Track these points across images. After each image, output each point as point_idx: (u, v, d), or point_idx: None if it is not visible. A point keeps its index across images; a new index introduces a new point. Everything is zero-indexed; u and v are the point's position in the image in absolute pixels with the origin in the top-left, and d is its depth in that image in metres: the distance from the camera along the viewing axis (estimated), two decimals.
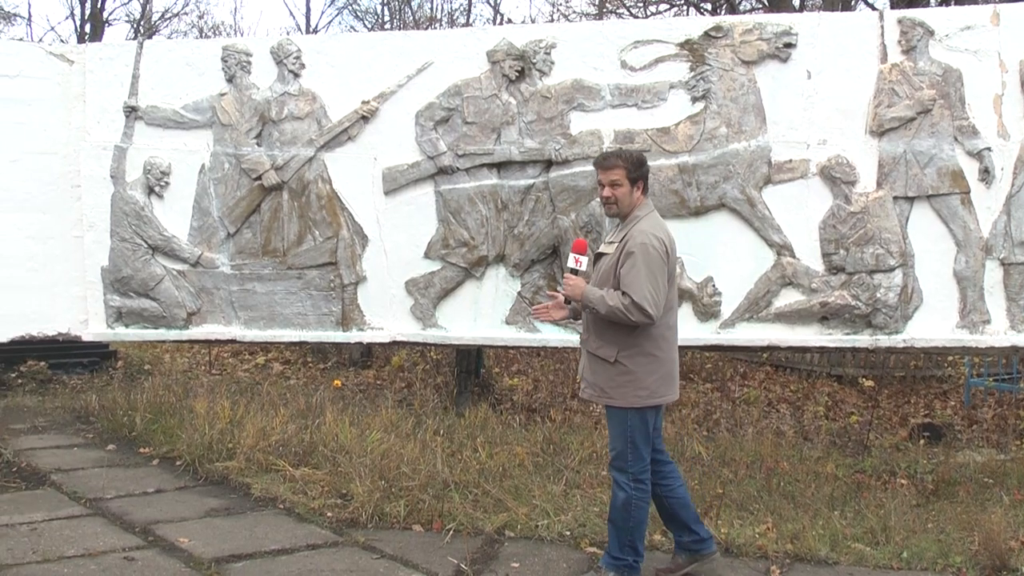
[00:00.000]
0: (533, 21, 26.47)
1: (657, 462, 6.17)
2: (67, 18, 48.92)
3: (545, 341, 9.58)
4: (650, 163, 8.99)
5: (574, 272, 6.00)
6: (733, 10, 20.92)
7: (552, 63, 9.43)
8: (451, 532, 6.89)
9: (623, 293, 5.79)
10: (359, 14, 32.35)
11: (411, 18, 29.22)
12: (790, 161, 8.98)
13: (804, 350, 10.58)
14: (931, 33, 8.77)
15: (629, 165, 6.07)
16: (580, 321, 6.28)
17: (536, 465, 8.22)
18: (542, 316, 6.40)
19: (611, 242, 6.10)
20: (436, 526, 7.03)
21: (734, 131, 9.04)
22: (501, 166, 9.50)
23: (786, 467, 8.52)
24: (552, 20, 25.52)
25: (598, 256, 6.21)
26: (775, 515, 7.24)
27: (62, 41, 28.69)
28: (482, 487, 7.57)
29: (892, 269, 8.73)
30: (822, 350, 10.06)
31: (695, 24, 9.42)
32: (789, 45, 8.94)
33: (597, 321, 5.98)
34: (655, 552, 6.58)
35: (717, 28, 9.13)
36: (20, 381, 11.86)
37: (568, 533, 6.89)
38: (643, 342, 5.92)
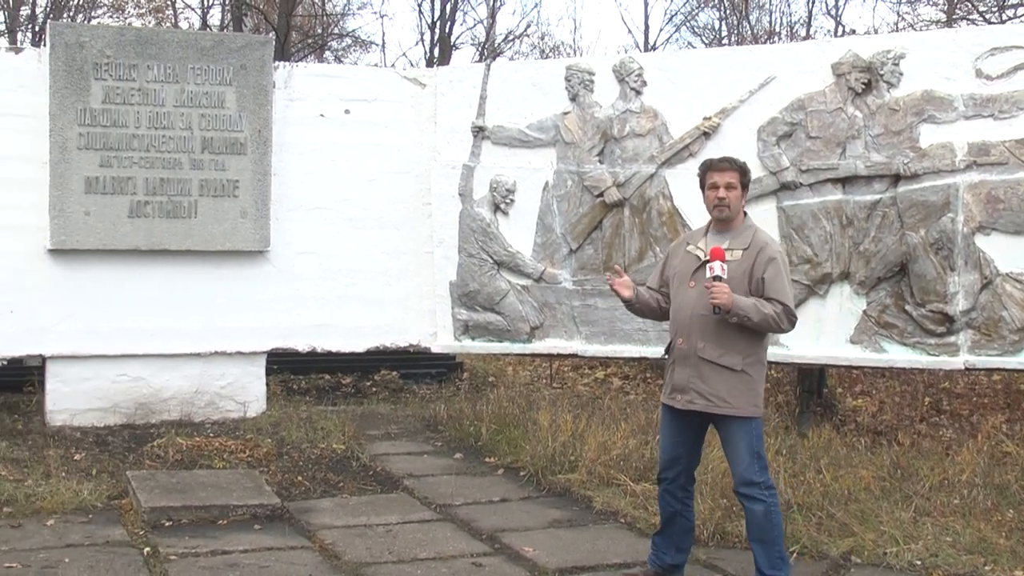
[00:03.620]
0: (876, 31, 25.68)
1: (692, 480, 6.20)
2: (417, 43, 51.16)
3: (892, 361, 9.28)
4: (1009, 176, 8.70)
5: (718, 279, 5.74)
6: None
7: (900, 74, 9.13)
8: (795, 555, 6.71)
9: (775, 301, 5.71)
10: (696, 30, 32.30)
11: (749, 33, 28.93)
12: None
13: None
14: None
15: (739, 170, 5.93)
16: (634, 305, 6.26)
17: (883, 490, 7.93)
18: (616, 284, 6.22)
19: (729, 248, 5.84)
20: None
21: None
22: (846, 181, 9.28)
23: None
24: (896, 30, 24.65)
25: (703, 263, 5.92)
26: None
27: (412, 65, 30.04)
28: (826, 510, 7.37)
29: None
30: None
31: None
32: None
33: (720, 328, 5.76)
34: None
35: None
36: (375, 390, 12.46)
37: (919, 563, 6.60)
38: (759, 350, 5.87)
